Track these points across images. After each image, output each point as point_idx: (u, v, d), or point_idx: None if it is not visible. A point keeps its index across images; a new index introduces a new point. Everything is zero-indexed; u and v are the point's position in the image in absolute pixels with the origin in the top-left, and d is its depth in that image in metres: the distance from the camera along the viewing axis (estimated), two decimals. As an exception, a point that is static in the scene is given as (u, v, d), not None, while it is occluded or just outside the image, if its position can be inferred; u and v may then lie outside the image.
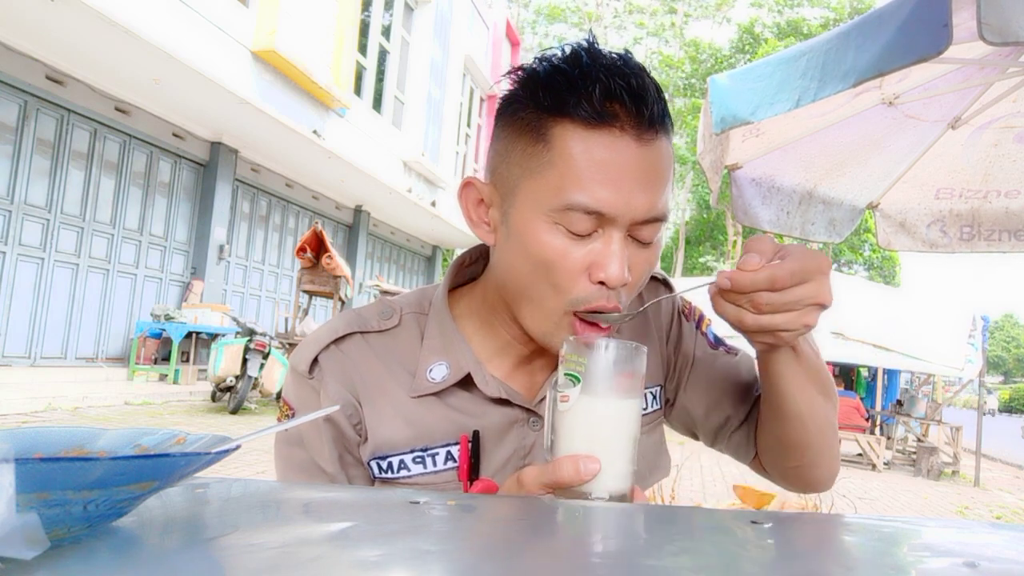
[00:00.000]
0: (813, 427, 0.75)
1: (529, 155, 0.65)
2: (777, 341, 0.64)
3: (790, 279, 0.59)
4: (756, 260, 0.60)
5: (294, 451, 0.75)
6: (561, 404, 0.60)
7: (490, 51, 16.89)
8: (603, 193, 0.62)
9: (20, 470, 0.28)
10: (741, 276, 0.60)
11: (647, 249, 0.67)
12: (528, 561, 0.37)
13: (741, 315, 0.62)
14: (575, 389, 0.60)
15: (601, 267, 0.63)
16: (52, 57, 7.03)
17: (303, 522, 0.43)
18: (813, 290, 0.60)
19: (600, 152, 0.62)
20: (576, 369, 0.60)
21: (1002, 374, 69.93)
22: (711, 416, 0.85)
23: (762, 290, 0.60)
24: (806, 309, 0.61)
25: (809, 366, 0.71)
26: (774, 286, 0.59)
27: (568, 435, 0.60)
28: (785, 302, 0.60)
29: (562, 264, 0.64)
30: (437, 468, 0.72)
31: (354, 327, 0.76)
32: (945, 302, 12.15)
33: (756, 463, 0.87)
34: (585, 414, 0.59)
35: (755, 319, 0.61)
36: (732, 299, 0.62)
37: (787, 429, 0.75)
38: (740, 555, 0.40)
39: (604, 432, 0.59)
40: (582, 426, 0.60)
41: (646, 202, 0.63)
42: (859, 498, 5.93)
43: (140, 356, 8.32)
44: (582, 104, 0.61)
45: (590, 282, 0.64)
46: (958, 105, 2.62)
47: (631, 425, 0.61)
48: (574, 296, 0.65)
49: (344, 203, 12.82)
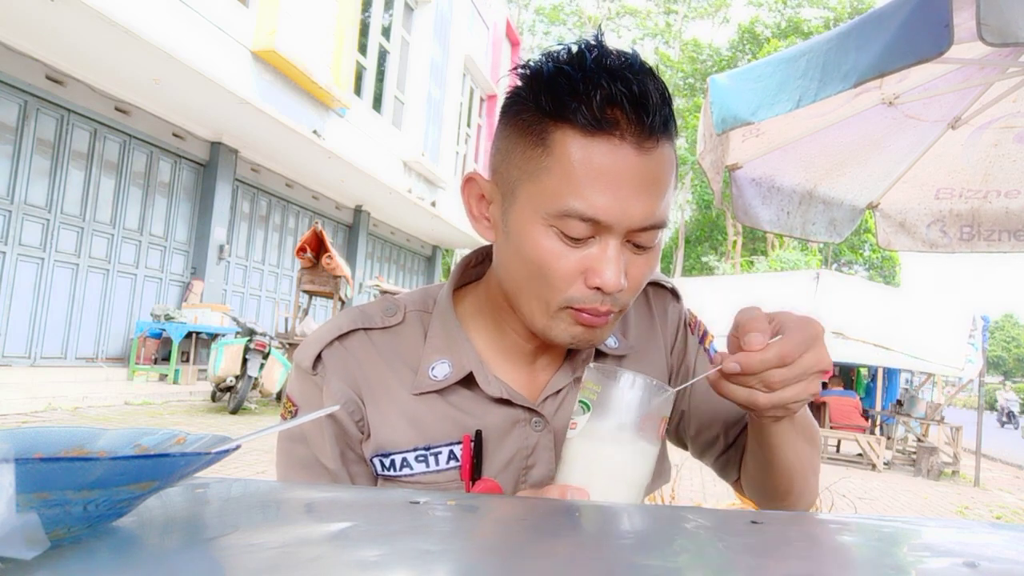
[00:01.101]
0: (799, 475, 0.76)
1: (529, 158, 0.64)
2: (787, 414, 0.65)
3: (796, 351, 0.60)
4: (760, 339, 0.60)
5: (296, 447, 0.76)
6: (569, 431, 0.58)
7: (490, 51, 16.89)
8: (600, 201, 0.61)
9: (20, 470, 0.28)
10: (750, 358, 0.60)
11: (645, 254, 0.67)
12: (528, 561, 0.37)
13: (754, 396, 0.62)
14: (584, 417, 0.57)
15: (596, 273, 0.63)
16: (52, 57, 7.03)
17: (303, 522, 0.43)
18: (815, 358, 0.61)
19: (599, 160, 0.61)
20: (589, 397, 0.58)
21: (1002, 374, 69.93)
22: (702, 433, 0.86)
23: (773, 368, 0.60)
24: (811, 378, 0.61)
25: (800, 421, 0.72)
26: (784, 361, 0.60)
27: (568, 464, 0.58)
28: (795, 375, 0.60)
29: (558, 267, 0.64)
30: (440, 467, 0.72)
31: (358, 324, 0.76)
32: (945, 302, 12.16)
33: (737, 486, 0.87)
34: (586, 446, 0.57)
35: (768, 398, 0.61)
36: (741, 381, 0.62)
37: (773, 477, 0.76)
38: (740, 555, 0.40)
39: (603, 470, 0.56)
40: (581, 458, 0.57)
41: (644, 210, 0.63)
42: (859, 498, 5.93)
43: (140, 356, 8.32)
44: (582, 110, 0.60)
45: (585, 286, 0.64)
46: (958, 105, 2.62)
47: (636, 470, 0.57)
48: (569, 296, 0.65)
49: (344, 203, 12.82)
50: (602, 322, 0.67)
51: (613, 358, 0.81)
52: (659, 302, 0.87)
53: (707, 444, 0.86)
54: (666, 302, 0.87)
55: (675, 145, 0.67)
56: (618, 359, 0.81)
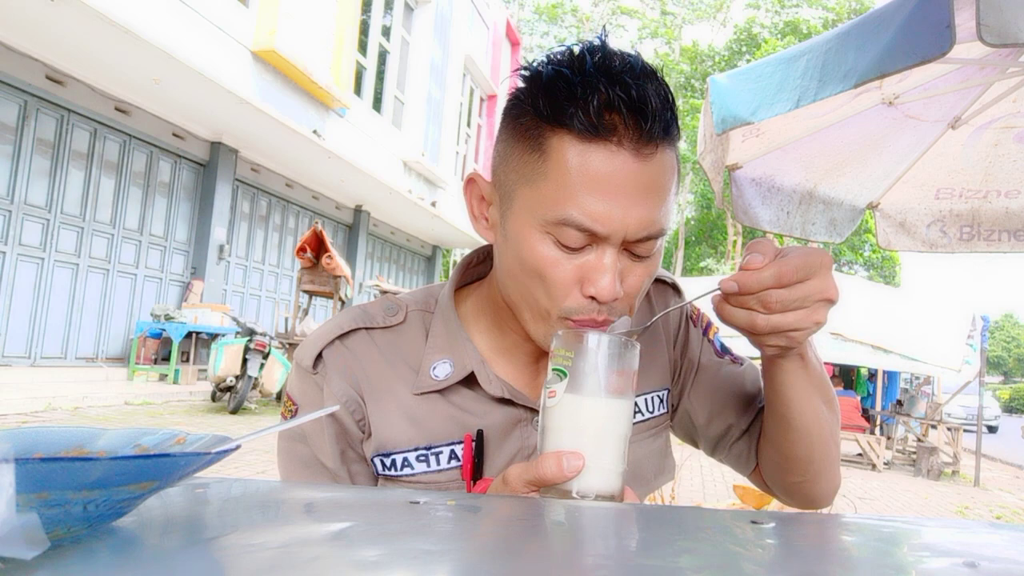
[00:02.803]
0: (818, 440, 0.74)
1: (526, 162, 0.63)
2: (790, 343, 0.63)
3: (795, 274, 0.59)
4: (760, 259, 0.60)
5: (296, 446, 0.76)
6: (548, 400, 0.59)
7: (490, 51, 16.89)
8: (597, 210, 0.60)
9: (20, 470, 0.28)
10: (747, 276, 0.59)
11: (644, 262, 0.66)
12: (528, 561, 0.37)
13: (753, 318, 0.61)
14: (561, 384, 0.58)
15: (592, 282, 0.62)
16: (52, 57, 7.03)
17: (303, 522, 0.43)
18: (819, 285, 0.60)
19: (595, 167, 0.59)
20: (563, 364, 0.59)
21: (1002, 374, 69.90)
22: (712, 424, 0.85)
23: (770, 287, 0.59)
24: (815, 306, 0.60)
25: (815, 375, 0.71)
26: (781, 282, 0.59)
27: (554, 432, 0.59)
28: (794, 298, 0.59)
29: (553, 275, 0.63)
30: (441, 467, 0.72)
31: (359, 323, 0.76)
32: (945, 302, 12.16)
33: (756, 475, 0.86)
34: (570, 410, 0.58)
35: (767, 320, 0.60)
36: (740, 303, 0.61)
37: (792, 441, 0.75)
38: (740, 555, 0.40)
39: (590, 429, 0.58)
40: (568, 422, 0.58)
41: (641, 219, 0.61)
42: (859, 498, 5.93)
43: (140, 356, 8.32)
44: (579, 115, 0.59)
45: (581, 295, 0.63)
46: (958, 105, 2.62)
47: (619, 423, 0.59)
48: (565, 306, 0.64)
49: (344, 203, 12.82)
50: (599, 329, 0.66)
51: None
52: (660, 298, 0.87)
53: (719, 435, 0.85)
54: (668, 298, 0.87)
55: (677, 149, 0.65)
56: None
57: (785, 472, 0.80)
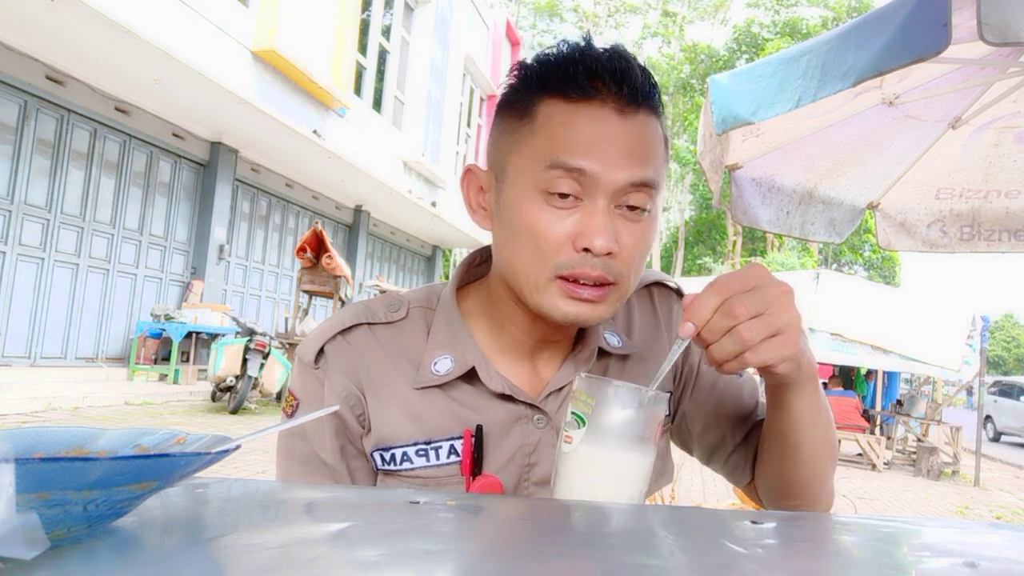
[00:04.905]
0: (819, 465, 0.74)
1: (515, 131, 0.67)
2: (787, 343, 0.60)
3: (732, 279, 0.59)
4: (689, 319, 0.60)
5: (295, 443, 0.76)
6: (564, 445, 0.58)
7: (490, 51, 16.89)
8: (583, 150, 0.63)
9: (20, 470, 0.28)
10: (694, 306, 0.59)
11: (638, 223, 0.67)
12: (528, 561, 0.37)
13: (738, 332, 0.58)
14: (579, 432, 0.56)
15: (584, 235, 0.64)
16: (52, 57, 7.03)
17: (303, 522, 0.43)
18: (761, 274, 0.60)
19: (581, 121, 0.64)
20: (583, 410, 0.57)
21: (1002, 374, 69.97)
22: (707, 433, 0.85)
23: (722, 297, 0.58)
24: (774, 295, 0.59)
25: (822, 398, 0.71)
26: (729, 290, 0.58)
27: (567, 479, 0.57)
28: (750, 293, 0.58)
29: (547, 233, 0.65)
30: (440, 462, 0.72)
31: (361, 318, 0.76)
32: (945, 302, 12.15)
33: (750, 488, 0.86)
34: (586, 463, 0.56)
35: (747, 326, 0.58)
36: (713, 329, 0.59)
37: (795, 466, 0.74)
38: (740, 555, 0.40)
39: (606, 482, 0.56)
40: (582, 473, 0.56)
41: (629, 167, 0.64)
42: (859, 498, 5.93)
43: (140, 356, 8.32)
44: (564, 80, 0.64)
45: (574, 250, 0.65)
46: (958, 105, 2.62)
47: (636, 481, 0.57)
48: (558, 261, 0.65)
49: (344, 203, 12.82)
50: (596, 296, 0.66)
51: (617, 357, 0.80)
52: (664, 303, 0.86)
53: (714, 445, 0.85)
54: (671, 303, 0.87)
55: (662, 123, 0.69)
56: (622, 358, 0.81)
57: (782, 496, 0.79)
